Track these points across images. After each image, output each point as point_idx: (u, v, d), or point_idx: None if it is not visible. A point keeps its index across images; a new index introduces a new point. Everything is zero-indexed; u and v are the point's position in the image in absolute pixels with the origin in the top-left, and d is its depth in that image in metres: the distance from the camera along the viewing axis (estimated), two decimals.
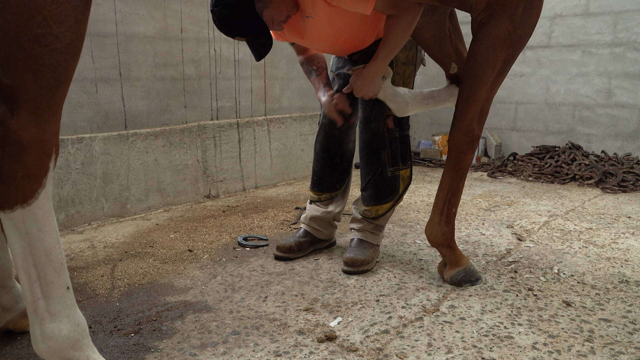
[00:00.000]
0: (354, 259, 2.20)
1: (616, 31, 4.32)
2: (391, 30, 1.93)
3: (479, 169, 4.64)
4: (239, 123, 3.68)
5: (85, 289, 2.05)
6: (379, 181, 2.25)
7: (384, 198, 2.26)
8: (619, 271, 2.22)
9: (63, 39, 1.04)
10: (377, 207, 2.27)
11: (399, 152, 2.23)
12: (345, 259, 2.22)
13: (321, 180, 2.41)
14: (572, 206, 3.33)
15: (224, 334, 1.69)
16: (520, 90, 4.86)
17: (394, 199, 2.27)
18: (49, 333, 1.18)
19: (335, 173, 2.39)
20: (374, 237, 2.32)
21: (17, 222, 1.11)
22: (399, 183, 2.26)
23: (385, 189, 2.25)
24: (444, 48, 2.10)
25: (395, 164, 2.24)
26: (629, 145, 4.37)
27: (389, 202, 2.27)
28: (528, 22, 1.80)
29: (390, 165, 2.23)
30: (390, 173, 2.24)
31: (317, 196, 2.44)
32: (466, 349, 1.58)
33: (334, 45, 2.16)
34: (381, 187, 2.25)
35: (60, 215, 2.75)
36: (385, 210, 2.27)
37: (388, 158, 2.22)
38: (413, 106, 2.13)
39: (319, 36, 2.08)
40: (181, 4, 3.23)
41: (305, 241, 2.44)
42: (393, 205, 2.28)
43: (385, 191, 2.26)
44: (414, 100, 2.12)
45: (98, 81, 2.88)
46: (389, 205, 2.27)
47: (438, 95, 2.19)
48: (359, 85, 2.03)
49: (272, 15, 1.92)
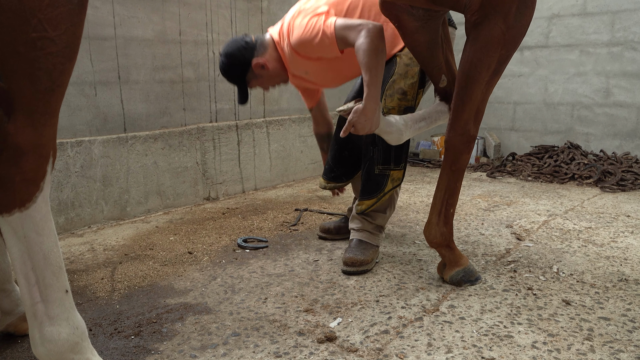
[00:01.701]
0: (353, 259, 2.21)
1: (614, 31, 4.32)
2: (358, 55, 1.95)
3: (478, 169, 4.64)
4: (237, 125, 3.68)
5: (86, 292, 2.05)
6: (365, 177, 2.29)
7: (367, 194, 2.28)
8: (618, 270, 2.22)
9: (59, 42, 1.04)
10: (362, 202, 2.30)
11: (393, 152, 2.23)
12: (344, 259, 2.22)
13: (330, 169, 2.54)
14: (571, 205, 3.33)
15: (224, 336, 1.69)
16: (518, 90, 4.87)
17: (377, 196, 2.27)
18: (48, 336, 1.18)
19: (343, 166, 2.48)
20: (374, 238, 2.32)
21: (15, 226, 1.11)
22: (387, 182, 2.26)
23: (371, 185, 2.27)
24: (435, 57, 2.09)
25: (386, 163, 2.25)
26: (628, 144, 4.37)
27: (372, 199, 2.28)
28: (522, 22, 1.80)
29: (380, 163, 2.24)
30: (377, 170, 2.25)
31: (325, 183, 2.57)
32: (466, 349, 1.58)
33: (345, 77, 2.38)
34: (366, 183, 2.28)
35: (60, 219, 2.76)
36: (368, 206, 2.28)
37: (377, 155, 2.24)
38: (407, 133, 2.12)
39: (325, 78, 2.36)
40: (179, 7, 3.23)
41: (345, 226, 2.64)
42: (376, 202, 2.28)
43: (370, 187, 2.28)
44: (407, 127, 2.11)
45: (97, 84, 2.88)
46: (372, 202, 2.28)
47: (429, 116, 2.17)
48: (363, 122, 1.96)
49: (260, 84, 2.37)
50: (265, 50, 2.28)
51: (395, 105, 2.20)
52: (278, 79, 2.36)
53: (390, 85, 2.21)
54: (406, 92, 2.20)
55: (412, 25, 1.98)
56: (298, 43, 2.12)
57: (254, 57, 2.26)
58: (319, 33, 2.03)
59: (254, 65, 2.27)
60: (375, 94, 1.96)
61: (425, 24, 1.99)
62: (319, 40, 2.04)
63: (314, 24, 2.04)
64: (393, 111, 2.20)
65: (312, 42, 2.06)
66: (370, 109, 1.95)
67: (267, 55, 2.28)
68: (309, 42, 2.07)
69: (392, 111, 2.20)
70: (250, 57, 2.26)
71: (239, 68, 2.28)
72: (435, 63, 2.11)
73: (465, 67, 1.86)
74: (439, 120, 2.21)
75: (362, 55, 1.93)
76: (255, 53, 2.27)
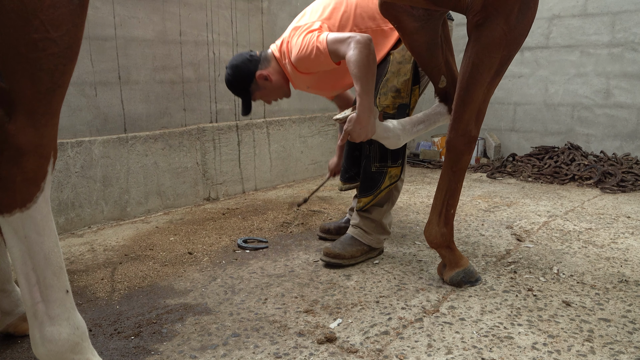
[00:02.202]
0: (328, 251, 2.29)
1: (614, 32, 4.33)
2: (349, 66, 2.03)
3: (478, 169, 4.64)
4: (238, 126, 3.68)
5: (86, 292, 2.05)
6: (363, 174, 2.34)
7: (365, 191, 2.32)
8: (619, 271, 2.22)
9: (60, 43, 1.04)
10: (360, 199, 2.35)
11: (390, 149, 2.25)
12: (323, 249, 2.31)
13: (345, 170, 2.58)
14: (571, 206, 3.33)
15: (224, 336, 1.69)
16: (518, 91, 4.87)
17: (373, 193, 2.31)
18: (49, 336, 1.18)
19: (356, 166, 2.51)
20: (366, 236, 2.34)
21: (15, 226, 1.11)
22: (384, 179, 2.30)
23: (368, 182, 2.31)
24: (435, 57, 2.09)
25: (383, 161, 2.28)
26: (628, 145, 4.37)
27: (369, 196, 2.31)
28: (523, 22, 1.80)
29: (376, 160, 2.28)
30: (374, 168, 2.29)
31: (342, 185, 2.61)
32: (466, 350, 1.58)
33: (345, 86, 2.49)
34: (364, 180, 2.33)
35: (60, 219, 2.76)
36: (366, 203, 2.32)
37: (374, 153, 2.28)
38: (405, 137, 2.14)
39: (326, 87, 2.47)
40: (180, 7, 3.23)
41: (345, 227, 2.65)
42: (373, 199, 2.31)
43: (368, 185, 2.31)
44: (404, 131, 2.13)
45: (97, 85, 2.88)
46: (369, 199, 2.32)
47: (427, 118, 2.18)
48: (357, 130, 2.04)
49: (263, 96, 2.46)
50: (269, 63, 2.39)
51: (389, 103, 2.23)
52: (280, 91, 2.46)
53: (384, 83, 2.24)
54: (399, 89, 2.23)
55: (412, 25, 1.98)
56: (297, 61, 2.22)
57: (258, 69, 2.38)
58: (314, 50, 2.11)
59: (258, 76, 2.37)
60: (368, 103, 2.02)
61: (424, 24, 1.99)
62: (314, 57, 2.13)
63: (308, 41, 2.14)
64: (387, 109, 2.23)
65: (308, 59, 2.15)
66: (364, 118, 2.02)
67: (270, 69, 2.39)
68: (306, 59, 2.17)
69: (386, 109, 2.23)
70: (254, 69, 2.37)
71: (243, 79, 2.38)
72: (435, 63, 2.11)
73: (466, 68, 1.86)
74: (437, 122, 2.21)
75: (352, 66, 2.01)
76: (259, 66, 2.38)
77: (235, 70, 2.38)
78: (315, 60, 2.14)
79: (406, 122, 2.14)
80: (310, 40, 2.13)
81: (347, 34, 2.04)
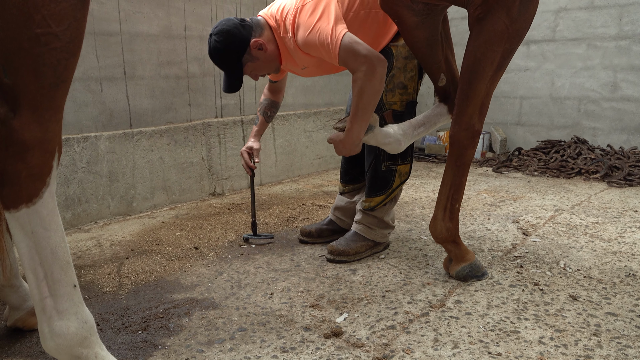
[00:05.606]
0: (332, 247, 2.28)
1: (621, 24, 4.28)
2: (354, 88, 1.92)
3: (484, 164, 4.62)
4: (243, 120, 3.68)
5: (93, 287, 2.06)
6: (372, 174, 2.29)
7: (376, 191, 2.29)
8: (626, 265, 2.21)
9: (63, 37, 1.04)
10: (370, 199, 2.31)
11: None
12: (327, 246, 2.31)
13: (345, 171, 2.53)
14: (578, 200, 3.31)
15: (231, 331, 1.69)
16: (525, 85, 4.84)
17: (385, 193, 2.28)
18: (57, 331, 1.19)
19: (358, 166, 2.47)
20: (370, 232, 2.33)
21: (22, 221, 1.11)
22: (394, 177, 2.27)
23: (378, 182, 2.28)
24: (435, 54, 2.06)
25: (393, 159, 2.25)
26: (635, 138, 4.34)
27: (381, 196, 2.29)
28: (525, 15, 1.78)
29: (386, 159, 2.25)
30: (385, 167, 2.26)
31: (343, 187, 2.55)
32: (472, 344, 1.58)
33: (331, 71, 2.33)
34: (374, 180, 2.29)
35: (66, 214, 2.77)
36: (377, 202, 2.29)
37: (383, 151, 2.23)
38: (406, 140, 2.10)
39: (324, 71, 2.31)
40: (184, 2, 3.23)
41: (327, 229, 2.56)
42: (385, 198, 2.29)
43: (378, 184, 2.28)
44: (405, 136, 2.09)
45: (103, 80, 2.89)
46: (380, 199, 2.29)
47: (428, 120, 2.14)
48: (340, 149, 2.02)
49: (254, 69, 2.19)
50: (262, 31, 2.14)
51: (397, 100, 2.18)
52: (273, 64, 2.22)
53: (390, 79, 2.16)
54: (407, 85, 2.18)
55: (412, 20, 1.95)
56: (303, 43, 2.02)
57: (252, 37, 2.10)
58: (324, 42, 1.94)
59: (252, 44, 2.09)
60: (357, 130, 1.95)
61: (425, 19, 1.96)
62: (324, 49, 1.96)
63: (322, 29, 1.94)
64: (395, 106, 2.18)
65: (316, 46, 1.98)
66: (348, 142, 1.98)
67: (264, 37, 2.13)
68: (313, 45, 1.99)
69: (394, 106, 2.18)
70: (248, 36, 2.09)
71: (236, 47, 2.09)
72: (434, 60, 2.09)
73: (469, 62, 1.85)
74: (438, 123, 2.18)
75: (357, 91, 1.90)
76: (252, 33, 2.11)
77: (227, 37, 2.06)
78: (322, 50, 1.98)
79: (406, 126, 2.11)
80: (324, 30, 1.94)
81: (365, 51, 1.87)
